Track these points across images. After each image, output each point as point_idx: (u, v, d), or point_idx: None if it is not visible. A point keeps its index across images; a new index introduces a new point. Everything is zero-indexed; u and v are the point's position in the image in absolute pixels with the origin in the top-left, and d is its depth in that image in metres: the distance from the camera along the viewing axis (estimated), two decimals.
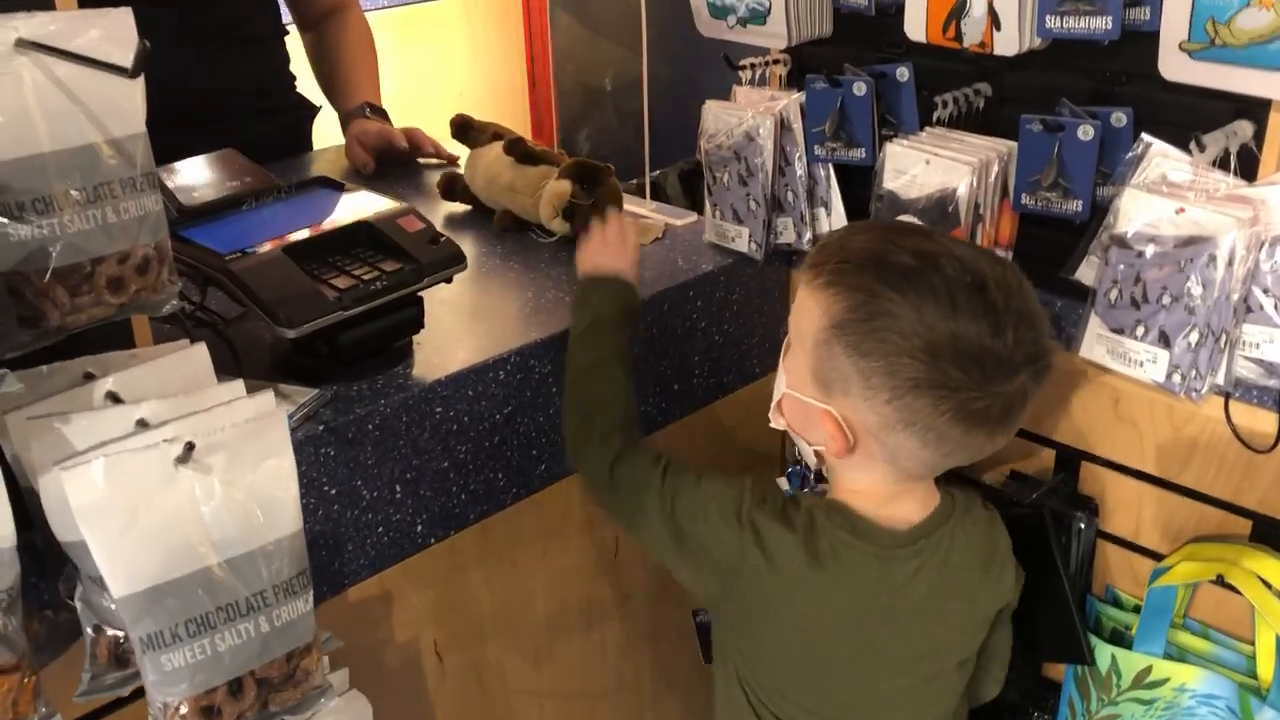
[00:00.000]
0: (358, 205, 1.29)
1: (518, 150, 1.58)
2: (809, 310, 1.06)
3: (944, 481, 1.17)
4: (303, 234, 1.22)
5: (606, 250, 1.28)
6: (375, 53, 2.02)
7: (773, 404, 1.15)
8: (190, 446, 0.82)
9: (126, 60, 0.80)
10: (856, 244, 1.06)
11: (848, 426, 1.05)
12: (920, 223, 1.25)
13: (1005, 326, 1.00)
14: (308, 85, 2.05)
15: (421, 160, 1.93)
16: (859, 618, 1.13)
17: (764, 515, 1.10)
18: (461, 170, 1.72)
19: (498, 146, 1.62)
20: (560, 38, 3.62)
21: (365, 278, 1.18)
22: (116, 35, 0.84)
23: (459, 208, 1.71)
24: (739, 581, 1.11)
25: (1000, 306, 1.00)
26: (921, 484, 1.13)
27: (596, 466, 1.18)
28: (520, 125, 3.70)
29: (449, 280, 1.26)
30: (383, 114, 1.93)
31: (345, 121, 1.95)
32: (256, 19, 1.90)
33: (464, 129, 1.74)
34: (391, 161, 1.88)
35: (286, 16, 2.00)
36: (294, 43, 2.03)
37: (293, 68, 2.03)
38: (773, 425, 1.16)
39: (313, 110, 2.04)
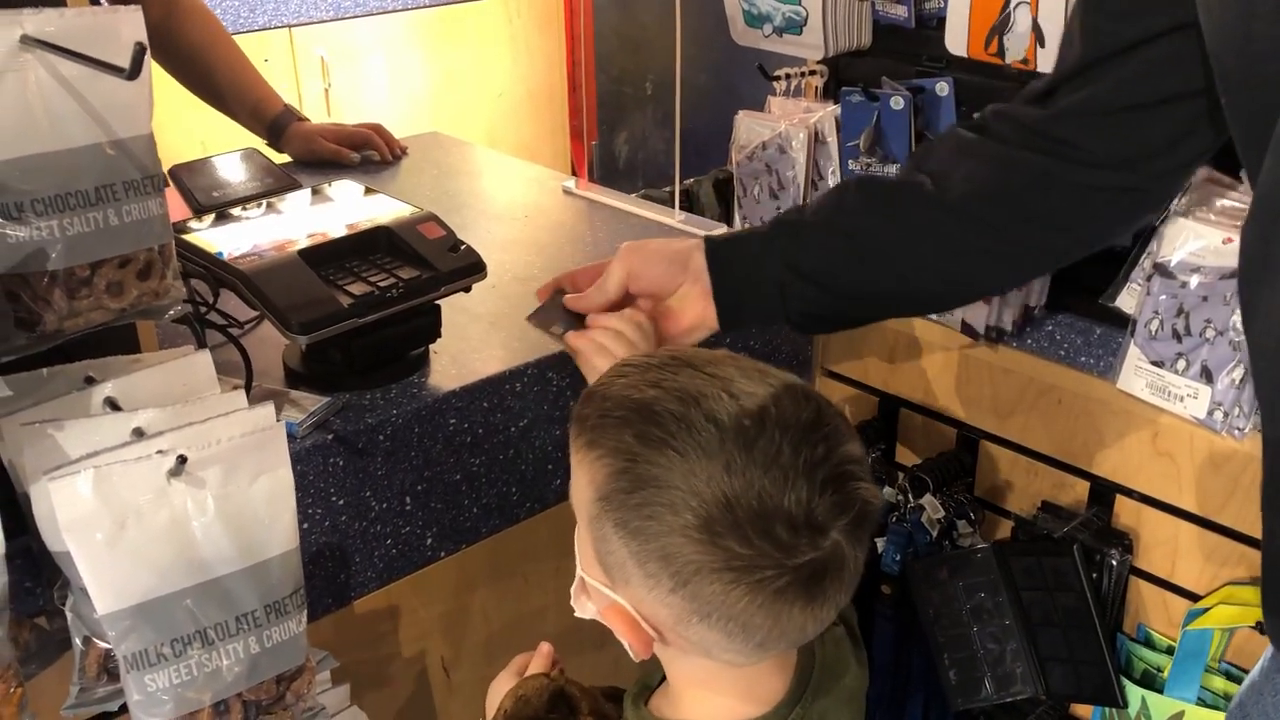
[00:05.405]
0: (378, 209, 1.27)
1: None
2: (577, 477, 0.84)
3: None
4: (320, 238, 1.19)
5: None
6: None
7: (574, 586, 0.90)
8: (183, 459, 0.79)
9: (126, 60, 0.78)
10: (619, 389, 0.82)
11: (644, 620, 0.82)
12: (725, 351, 0.88)
13: (797, 475, 0.76)
14: None
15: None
16: None
17: None
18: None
19: None
20: (603, 41, 3.59)
21: (381, 284, 1.16)
22: (124, 34, 0.82)
23: None
24: None
25: (785, 450, 0.76)
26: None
27: None
28: (559, 128, 3.68)
29: (467, 289, 1.23)
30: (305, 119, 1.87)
31: (276, 126, 1.85)
32: None
33: None
34: (327, 163, 1.83)
35: None
36: None
37: None
38: (579, 614, 0.90)
39: None
